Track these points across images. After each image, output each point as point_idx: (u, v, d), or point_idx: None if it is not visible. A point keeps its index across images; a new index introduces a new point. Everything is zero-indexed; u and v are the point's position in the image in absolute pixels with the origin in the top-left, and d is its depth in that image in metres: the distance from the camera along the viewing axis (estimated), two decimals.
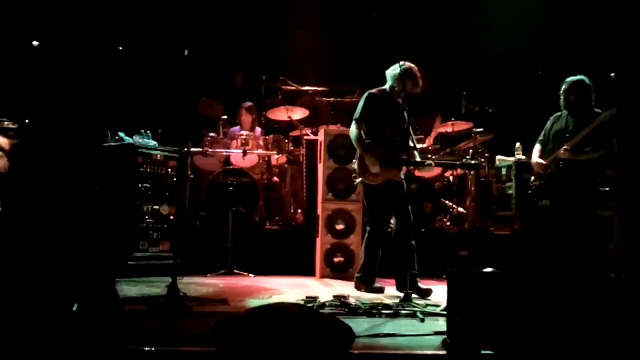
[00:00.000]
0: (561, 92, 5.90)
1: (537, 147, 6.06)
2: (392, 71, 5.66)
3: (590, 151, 5.62)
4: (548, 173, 5.87)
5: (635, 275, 4.92)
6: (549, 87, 9.89)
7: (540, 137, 6.07)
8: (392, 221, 5.74)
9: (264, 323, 1.45)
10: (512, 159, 8.16)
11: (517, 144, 8.37)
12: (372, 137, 5.62)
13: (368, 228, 5.81)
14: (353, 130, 5.63)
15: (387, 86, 5.74)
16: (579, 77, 5.88)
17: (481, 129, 7.94)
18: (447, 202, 8.04)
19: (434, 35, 9.93)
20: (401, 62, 5.53)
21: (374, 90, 5.71)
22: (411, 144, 5.56)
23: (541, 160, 5.96)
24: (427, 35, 9.77)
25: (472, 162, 7.48)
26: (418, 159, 5.74)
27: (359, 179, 5.71)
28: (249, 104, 8.02)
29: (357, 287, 5.79)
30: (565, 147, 5.68)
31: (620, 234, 6.90)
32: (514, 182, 7.73)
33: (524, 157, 8.16)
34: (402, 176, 5.63)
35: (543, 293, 3.46)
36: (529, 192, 6.24)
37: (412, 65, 5.66)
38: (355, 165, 5.78)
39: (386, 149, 5.57)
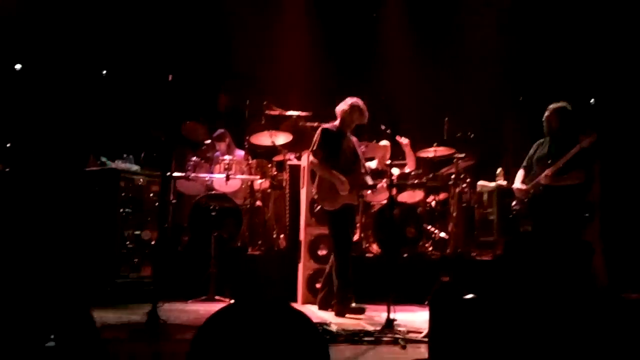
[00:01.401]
0: (544, 118, 6.00)
1: (520, 173, 6.15)
2: (339, 109, 6.23)
3: (570, 177, 5.67)
4: (530, 198, 5.93)
5: (616, 296, 4.94)
6: (531, 112, 10.06)
7: (524, 163, 6.15)
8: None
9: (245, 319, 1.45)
10: (493, 184, 8.22)
11: (499, 170, 8.44)
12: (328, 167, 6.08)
13: (334, 254, 6.02)
14: (313, 160, 6.09)
15: (337, 122, 6.27)
16: (560, 103, 6.00)
17: (463, 155, 7.99)
18: (429, 227, 8.05)
19: (417, 61, 10.03)
20: (347, 100, 6.19)
21: (327, 125, 6.27)
22: (362, 170, 6.21)
23: (522, 186, 6.03)
24: (410, 61, 9.87)
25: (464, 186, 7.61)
26: (370, 183, 6.25)
27: (319, 207, 6.23)
28: (218, 131, 8.01)
29: (339, 313, 5.83)
30: (546, 172, 5.76)
31: (600, 258, 6.96)
32: (495, 208, 7.79)
33: (505, 182, 8.23)
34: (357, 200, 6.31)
35: (525, 319, 3.47)
36: (510, 216, 6.29)
37: (358, 100, 6.22)
38: (314, 193, 6.21)
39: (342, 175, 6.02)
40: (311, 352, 1.54)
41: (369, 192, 6.60)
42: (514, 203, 6.20)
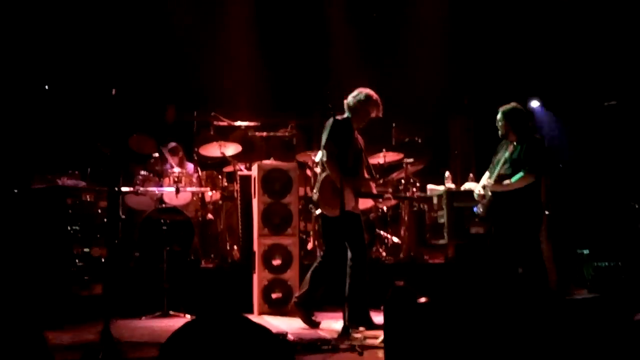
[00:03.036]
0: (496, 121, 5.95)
1: (485, 175, 6.02)
2: (353, 99, 5.63)
3: (511, 182, 5.64)
4: (489, 201, 5.87)
5: (564, 298, 5.07)
6: (476, 114, 10.27)
7: (491, 165, 6.02)
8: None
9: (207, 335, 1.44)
10: (442, 187, 8.34)
11: (447, 173, 8.56)
12: None
13: (321, 256, 5.81)
14: (329, 155, 5.41)
15: (346, 115, 5.63)
16: (509, 105, 5.90)
17: (412, 159, 8.09)
18: (382, 232, 8.12)
19: (361, 67, 10.12)
20: (360, 90, 5.61)
21: (337, 117, 5.52)
22: (369, 175, 5.63)
23: (479, 191, 5.95)
24: (355, 68, 9.95)
25: (427, 195, 7.64)
26: (375, 191, 5.77)
27: (319, 211, 5.65)
28: (171, 145, 7.94)
29: (293, 313, 5.76)
30: (488, 180, 5.78)
31: (550, 259, 7.12)
32: (445, 211, 7.90)
33: (453, 185, 8.35)
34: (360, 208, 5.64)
35: (479, 321, 3.53)
36: (477, 219, 6.28)
37: (371, 91, 5.68)
38: (315, 195, 5.67)
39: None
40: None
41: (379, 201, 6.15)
42: (477, 206, 6.14)
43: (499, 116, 5.82)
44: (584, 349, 3.49)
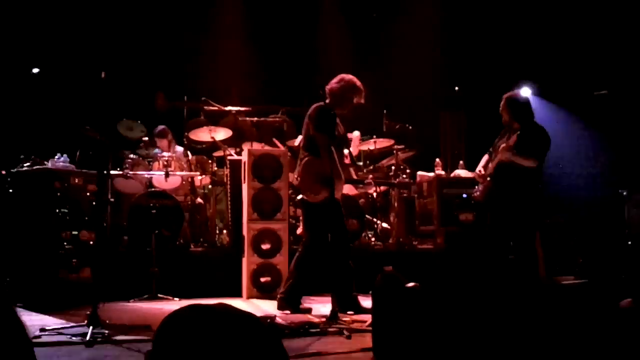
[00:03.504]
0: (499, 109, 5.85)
1: (484, 158, 6.00)
2: (336, 85, 5.54)
3: (518, 157, 5.55)
4: (488, 186, 5.84)
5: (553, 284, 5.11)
6: (466, 103, 10.30)
7: (490, 149, 5.99)
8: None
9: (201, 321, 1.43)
10: (432, 174, 8.37)
11: (437, 160, 8.59)
12: (317, 153, 5.43)
13: (303, 246, 5.67)
14: (324, 139, 5.33)
15: (328, 101, 5.48)
16: (511, 93, 5.91)
17: (402, 146, 8.10)
18: (372, 218, 8.14)
19: (354, 53, 10.12)
20: (342, 76, 5.53)
21: (321, 104, 5.44)
22: (350, 161, 5.56)
23: (480, 170, 5.91)
24: (347, 54, 9.95)
25: (407, 180, 7.65)
26: (354, 176, 5.63)
27: (300, 196, 5.57)
28: (159, 128, 7.90)
29: (281, 308, 5.65)
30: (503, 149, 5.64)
31: (539, 247, 7.15)
32: (435, 197, 7.92)
33: (443, 172, 8.38)
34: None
35: (467, 307, 3.55)
36: (472, 202, 6.26)
37: (353, 77, 5.59)
38: (296, 180, 5.58)
39: None
40: (266, 350, 1.53)
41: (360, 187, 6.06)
42: (474, 189, 6.11)
43: (502, 103, 5.79)
44: (571, 336, 3.52)
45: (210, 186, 7.86)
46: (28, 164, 6.43)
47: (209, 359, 1.47)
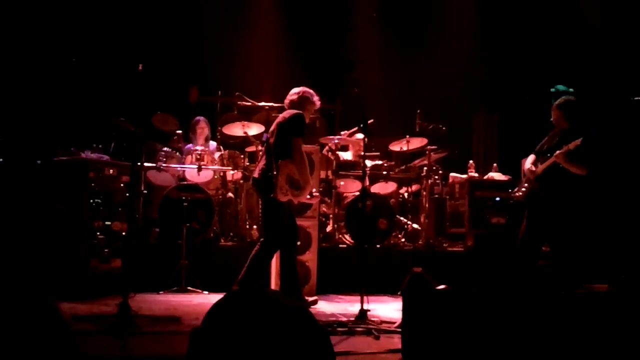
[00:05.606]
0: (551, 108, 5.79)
1: (531, 156, 5.91)
2: (298, 97, 5.87)
3: (571, 164, 5.49)
4: (530, 189, 5.76)
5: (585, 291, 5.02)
6: (501, 106, 10.17)
7: (536, 148, 5.90)
8: None
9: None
10: (464, 176, 8.28)
11: (470, 162, 8.49)
12: (290, 156, 5.59)
13: (261, 243, 5.66)
14: (298, 152, 5.61)
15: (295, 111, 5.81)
16: (565, 96, 5.85)
17: (435, 147, 8.03)
18: (402, 218, 8.09)
19: (389, 53, 10.07)
20: (299, 89, 5.87)
21: (298, 112, 5.79)
22: None
23: (532, 167, 5.80)
24: (382, 54, 9.90)
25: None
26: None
27: (272, 194, 5.55)
28: (196, 118, 7.96)
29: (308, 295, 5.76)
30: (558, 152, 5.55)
31: None
32: (466, 199, 7.84)
33: (476, 174, 8.29)
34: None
35: (497, 310, 3.50)
36: (511, 202, 6.20)
37: (308, 89, 5.93)
38: (278, 179, 5.54)
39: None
40: (314, 345, 1.52)
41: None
42: (515, 189, 6.05)
43: (554, 103, 5.72)
44: (602, 344, 3.46)
45: (241, 181, 7.89)
46: (64, 154, 6.52)
47: (255, 344, 1.46)
